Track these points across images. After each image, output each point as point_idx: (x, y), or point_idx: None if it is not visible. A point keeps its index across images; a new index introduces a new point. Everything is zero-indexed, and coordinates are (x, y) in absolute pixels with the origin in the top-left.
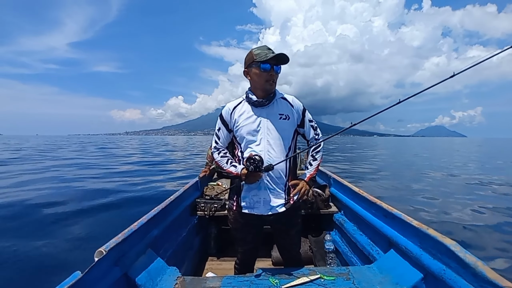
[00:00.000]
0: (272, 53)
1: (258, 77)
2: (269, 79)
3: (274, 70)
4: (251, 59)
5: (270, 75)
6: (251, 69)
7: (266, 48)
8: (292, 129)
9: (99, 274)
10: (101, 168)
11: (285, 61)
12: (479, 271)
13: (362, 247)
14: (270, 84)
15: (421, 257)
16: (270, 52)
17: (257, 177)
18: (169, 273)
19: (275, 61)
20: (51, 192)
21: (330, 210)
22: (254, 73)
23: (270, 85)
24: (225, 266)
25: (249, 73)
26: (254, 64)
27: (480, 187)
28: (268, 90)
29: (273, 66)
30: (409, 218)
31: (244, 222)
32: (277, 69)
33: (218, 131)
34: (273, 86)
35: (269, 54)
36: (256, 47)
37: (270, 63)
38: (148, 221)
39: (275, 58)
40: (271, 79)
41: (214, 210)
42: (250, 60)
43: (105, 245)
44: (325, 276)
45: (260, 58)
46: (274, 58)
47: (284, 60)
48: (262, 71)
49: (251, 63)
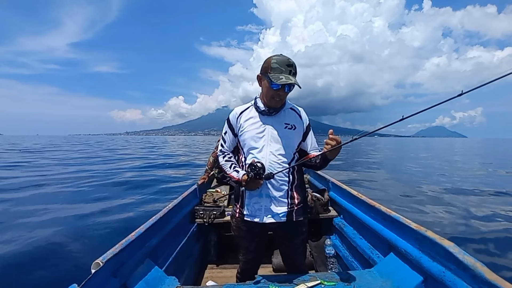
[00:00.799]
0: (285, 78)
1: (267, 90)
2: (275, 96)
3: (284, 90)
4: (266, 68)
5: (277, 93)
6: (264, 80)
7: (285, 64)
8: (297, 139)
9: (96, 286)
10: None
11: (293, 84)
12: (478, 273)
13: (362, 251)
14: (275, 102)
15: (420, 260)
16: (286, 71)
17: (257, 184)
18: (168, 283)
19: (292, 83)
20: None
21: (329, 215)
22: (265, 84)
23: (275, 102)
24: (225, 274)
25: (262, 81)
26: (266, 76)
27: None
28: (272, 106)
29: (285, 86)
30: (407, 221)
31: (247, 230)
32: (288, 89)
33: (224, 135)
34: (278, 104)
35: (282, 77)
36: (276, 57)
37: (281, 85)
38: (146, 230)
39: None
40: (278, 97)
41: (213, 217)
42: (265, 70)
43: (102, 256)
44: (326, 282)
45: (273, 76)
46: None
47: (295, 84)
48: (270, 88)
49: (265, 73)
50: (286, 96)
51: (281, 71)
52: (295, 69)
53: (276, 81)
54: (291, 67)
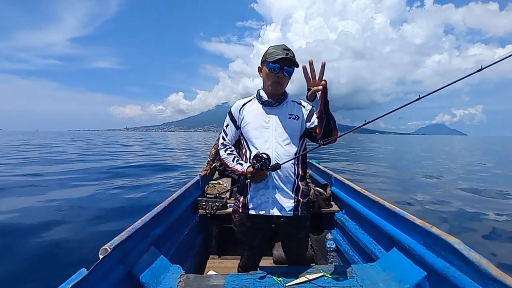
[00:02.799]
0: (281, 54)
1: (267, 76)
2: (275, 80)
3: (284, 72)
4: (264, 56)
5: (277, 76)
6: (263, 67)
7: (282, 48)
8: (301, 129)
9: (104, 272)
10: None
11: (291, 63)
12: (483, 269)
13: (364, 246)
14: (276, 86)
15: (424, 255)
16: (283, 53)
17: (263, 176)
18: (173, 271)
19: (286, 63)
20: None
21: (331, 209)
22: (265, 72)
23: (275, 88)
24: (226, 265)
25: (262, 71)
26: (265, 63)
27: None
28: (272, 92)
29: (284, 67)
30: (411, 217)
31: (250, 226)
32: (288, 71)
33: (226, 128)
34: (279, 89)
35: (278, 54)
36: (274, 45)
37: (280, 64)
38: (151, 219)
39: (285, 59)
40: (278, 81)
41: (215, 208)
42: (263, 58)
43: (110, 242)
44: (328, 274)
45: (271, 57)
46: (284, 59)
47: (293, 62)
48: (270, 72)
49: (264, 61)
50: (287, 81)
51: (277, 54)
52: (293, 53)
53: (274, 58)
54: (287, 50)
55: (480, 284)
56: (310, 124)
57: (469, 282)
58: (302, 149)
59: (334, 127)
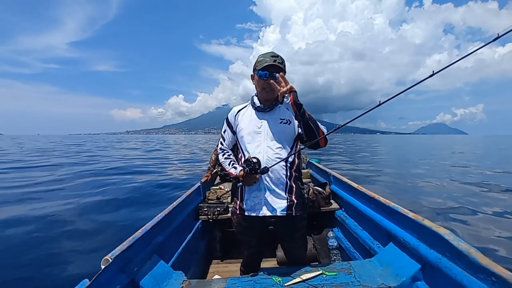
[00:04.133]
0: (269, 61)
1: (258, 83)
2: (265, 86)
3: (274, 78)
4: (255, 64)
5: (266, 83)
6: (255, 75)
7: (270, 56)
8: (293, 133)
9: (106, 281)
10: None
11: (280, 69)
12: (472, 258)
13: (364, 242)
14: (266, 92)
15: (418, 248)
16: (270, 60)
17: (254, 179)
18: (175, 277)
19: (275, 69)
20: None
21: (331, 208)
22: (255, 79)
23: (266, 93)
24: (230, 268)
25: (254, 78)
26: (256, 71)
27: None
28: (264, 98)
29: (272, 74)
30: (405, 211)
31: (247, 226)
32: (276, 77)
33: (223, 133)
34: (270, 94)
35: (266, 61)
36: (263, 53)
37: (269, 71)
38: (152, 228)
39: (274, 65)
40: (267, 87)
41: (217, 213)
42: (254, 66)
43: (111, 253)
44: (327, 272)
45: (260, 65)
46: (273, 66)
47: (281, 68)
48: (260, 79)
49: (254, 69)
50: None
51: (265, 61)
52: (281, 59)
53: (262, 66)
54: (275, 57)
55: (470, 274)
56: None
57: (460, 272)
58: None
59: (315, 128)
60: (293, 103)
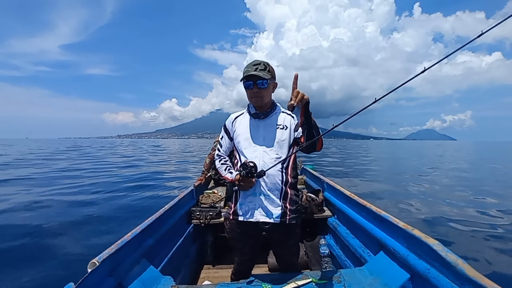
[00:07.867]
0: (250, 72)
1: (246, 93)
2: (252, 95)
3: (258, 86)
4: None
5: (253, 92)
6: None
7: (252, 65)
8: (289, 138)
9: (92, 285)
10: None
11: (260, 77)
12: (460, 269)
13: (355, 250)
14: (256, 100)
15: (407, 258)
16: (252, 70)
17: (250, 183)
18: (164, 283)
19: (258, 77)
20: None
21: (324, 215)
22: (244, 89)
23: (255, 101)
24: (221, 274)
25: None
26: (242, 82)
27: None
28: (256, 105)
29: (256, 82)
30: (396, 220)
31: (240, 232)
32: (261, 83)
33: (221, 139)
34: (259, 102)
35: (249, 71)
36: (247, 64)
37: (252, 80)
38: (142, 231)
39: (255, 75)
40: (255, 95)
41: (209, 218)
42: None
43: (98, 256)
44: (317, 280)
45: (244, 75)
46: (254, 75)
47: (258, 77)
48: (246, 89)
49: (241, 80)
50: (266, 93)
51: (248, 71)
52: (264, 66)
53: (243, 76)
54: (257, 65)
55: (458, 285)
56: (297, 134)
57: (448, 283)
58: (291, 158)
59: (317, 135)
60: (302, 114)
